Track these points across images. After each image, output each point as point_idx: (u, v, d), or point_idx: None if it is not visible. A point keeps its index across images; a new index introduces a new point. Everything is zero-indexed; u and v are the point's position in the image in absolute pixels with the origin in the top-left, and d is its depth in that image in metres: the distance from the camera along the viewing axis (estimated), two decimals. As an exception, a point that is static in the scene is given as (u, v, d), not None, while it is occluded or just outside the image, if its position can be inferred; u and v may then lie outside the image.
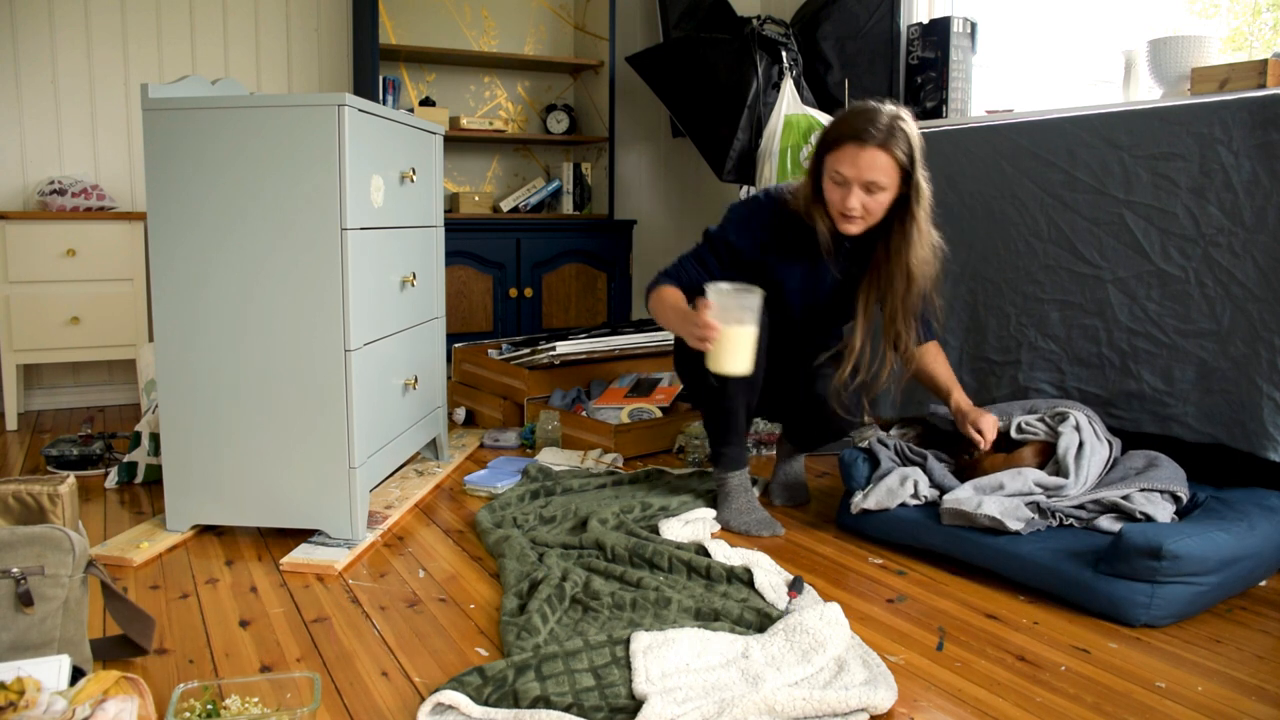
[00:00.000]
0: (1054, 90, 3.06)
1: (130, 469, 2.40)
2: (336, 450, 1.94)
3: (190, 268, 1.93)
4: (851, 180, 1.90)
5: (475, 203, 3.78)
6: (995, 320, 2.38)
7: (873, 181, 1.89)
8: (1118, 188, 2.11)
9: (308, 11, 3.65)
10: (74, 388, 3.46)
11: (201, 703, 1.23)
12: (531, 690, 1.29)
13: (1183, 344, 2.01)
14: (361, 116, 1.94)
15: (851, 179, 1.90)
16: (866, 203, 1.92)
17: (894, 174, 1.90)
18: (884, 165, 1.88)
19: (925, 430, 2.33)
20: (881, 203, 1.93)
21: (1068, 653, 1.51)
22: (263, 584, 1.78)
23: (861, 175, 1.89)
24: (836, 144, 1.91)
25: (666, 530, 1.98)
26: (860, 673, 1.37)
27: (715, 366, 1.85)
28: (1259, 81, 2.25)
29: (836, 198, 1.94)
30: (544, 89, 4.10)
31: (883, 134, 1.87)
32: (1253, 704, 1.35)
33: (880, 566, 1.89)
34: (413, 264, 2.32)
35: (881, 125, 1.88)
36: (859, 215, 1.93)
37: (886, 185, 1.91)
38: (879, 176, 1.89)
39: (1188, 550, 1.57)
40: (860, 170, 1.89)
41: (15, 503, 1.42)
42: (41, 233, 3.05)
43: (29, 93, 3.26)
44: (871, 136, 1.87)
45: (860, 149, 1.88)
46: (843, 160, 1.90)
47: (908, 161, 1.90)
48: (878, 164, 1.88)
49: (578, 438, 2.72)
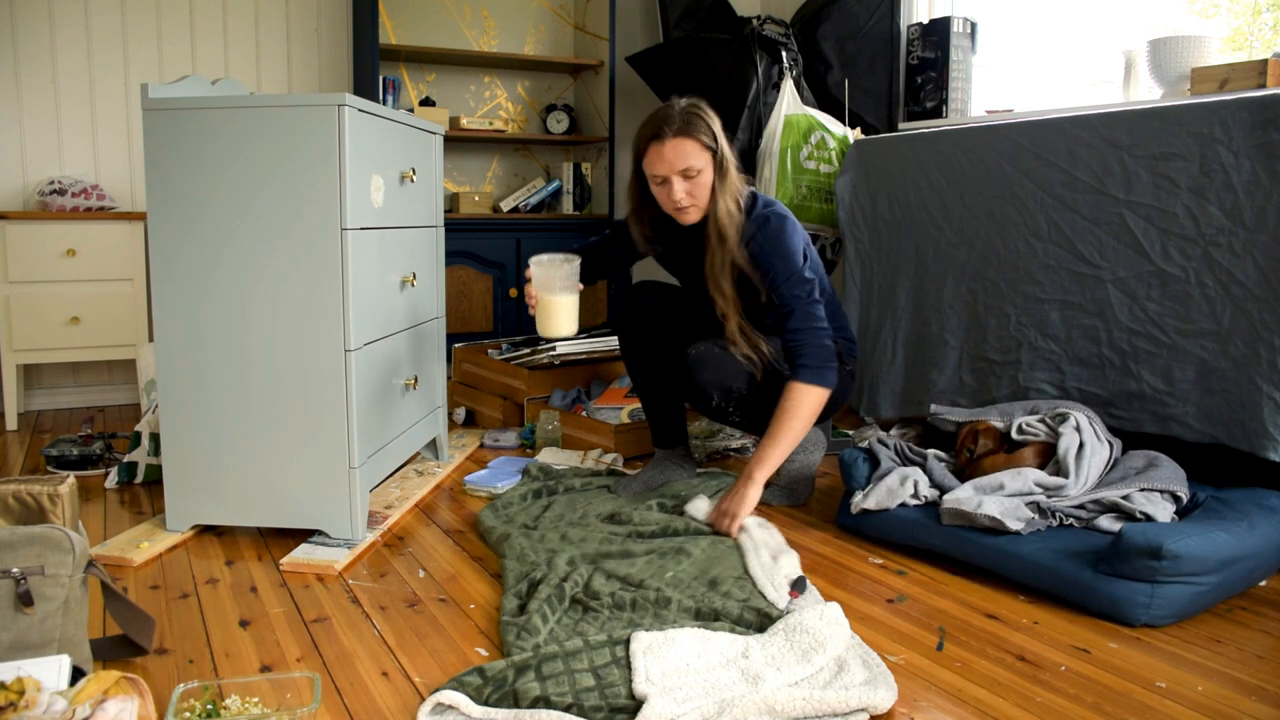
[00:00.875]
0: (1054, 90, 3.06)
1: (130, 469, 2.41)
2: (336, 450, 1.94)
3: (190, 268, 1.93)
4: (668, 175, 2.02)
5: (475, 203, 3.78)
6: (995, 320, 2.38)
7: (688, 168, 2.01)
8: (1118, 188, 2.11)
9: (308, 11, 3.65)
10: (74, 388, 3.46)
11: (201, 703, 1.23)
12: (531, 690, 1.29)
13: (1183, 344, 2.01)
14: (361, 116, 1.94)
15: (667, 173, 2.03)
16: (690, 189, 2.03)
17: (703, 154, 2.02)
18: (691, 149, 2.01)
19: (925, 430, 2.33)
20: (704, 185, 2.04)
21: (1068, 653, 1.51)
22: (263, 584, 1.78)
23: (674, 166, 2.02)
24: (644, 150, 2.06)
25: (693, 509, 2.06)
26: (860, 673, 1.37)
27: (540, 330, 2.07)
28: (1259, 81, 2.25)
29: (664, 197, 2.07)
30: (544, 89, 4.10)
31: (678, 123, 2.01)
32: (1253, 704, 1.35)
33: (880, 566, 1.89)
34: (413, 264, 2.32)
35: (675, 116, 2.02)
36: (688, 204, 2.05)
37: (701, 166, 2.02)
38: (690, 161, 2.01)
39: (1188, 550, 1.57)
40: (672, 161, 2.01)
41: (15, 503, 1.42)
42: (41, 233, 3.05)
43: (29, 93, 3.26)
44: (668, 130, 2.01)
45: (662, 144, 2.01)
46: (653, 161, 2.04)
47: (712, 139, 2.04)
48: (684, 150, 2.01)
49: (578, 438, 2.72)
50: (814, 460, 2.32)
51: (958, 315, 2.47)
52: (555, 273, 2.02)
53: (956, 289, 2.47)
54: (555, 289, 2.02)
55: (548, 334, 2.06)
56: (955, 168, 2.45)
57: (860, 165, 2.75)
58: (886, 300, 2.68)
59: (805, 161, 3.05)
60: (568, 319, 2.04)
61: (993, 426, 2.08)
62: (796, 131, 3.08)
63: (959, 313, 2.47)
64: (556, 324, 2.04)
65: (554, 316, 2.03)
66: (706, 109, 2.07)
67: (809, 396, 2.01)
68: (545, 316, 2.04)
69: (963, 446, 2.08)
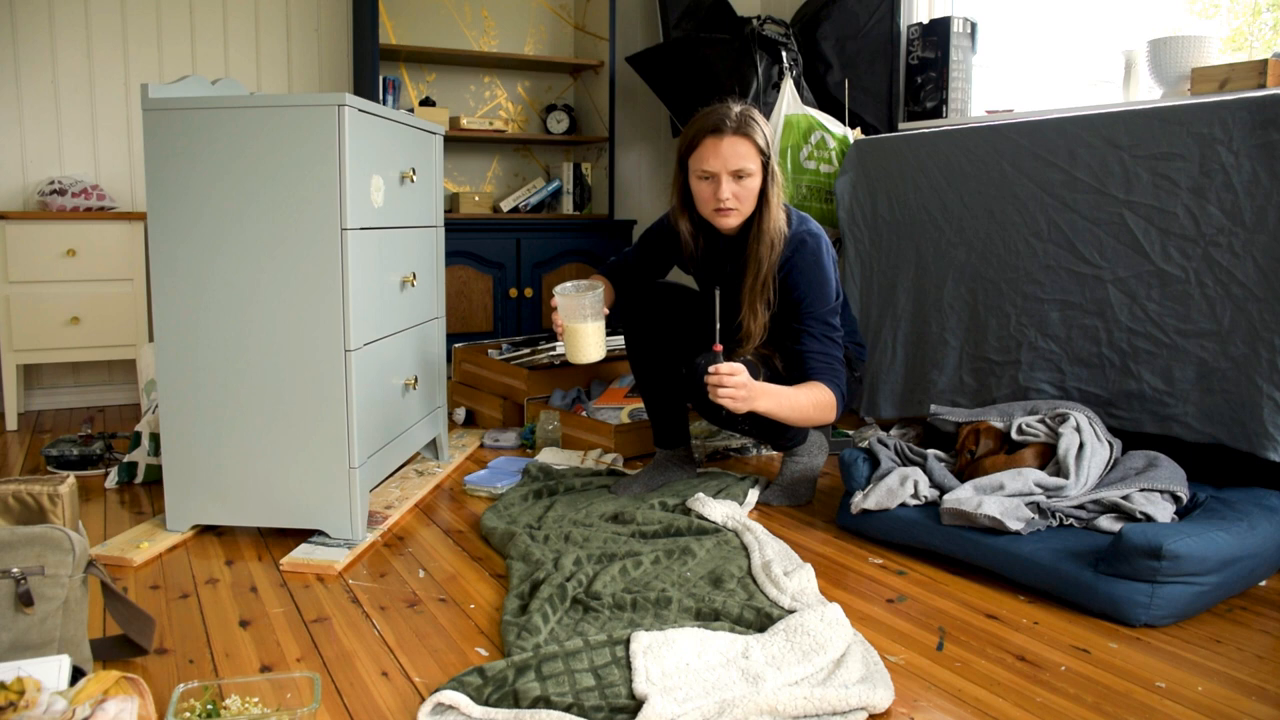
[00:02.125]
0: (1054, 90, 3.06)
1: (130, 469, 2.41)
2: (336, 450, 1.95)
3: (190, 268, 1.93)
4: (718, 171, 1.98)
5: (475, 203, 3.78)
6: (995, 320, 2.38)
7: (739, 169, 1.97)
8: (1118, 188, 2.11)
9: (308, 11, 3.65)
10: (74, 388, 3.46)
11: (201, 703, 1.23)
12: (532, 690, 1.29)
13: (1183, 344, 2.01)
14: (361, 116, 1.94)
15: (718, 170, 1.98)
16: (737, 191, 2.00)
17: (757, 159, 1.99)
18: (746, 151, 1.97)
19: (925, 430, 2.33)
20: (751, 189, 2.01)
21: (1068, 653, 1.51)
22: (263, 584, 1.78)
23: (727, 164, 1.97)
24: (695, 143, 2.02)
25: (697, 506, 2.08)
26: (858, 670, 1.37)
27: (570, 357, 2.08)
28: (1259, 81, 2.25)
29: (707, 193, 2.02)
30: (544, 89, 4.10)
31: (736, 122, 1.97)
32: (1253, 704, 1.35)
33: (880, 566, 1.89)
34: (413, 264, 2.32)
35: (734, 116, 1.98)
36: (733, 206, 2.01)
37: (753, 170, 1.99)
38: (745, 163, 1.97)
39: (1188, 550, 1.57)
40: (726, 159, 1.97)
41: (15, 503, 1.42)
42: (41, 233, 3.05)
43: (29, 93, 3.26)
44: (727, 126, 1.96)
45: (719, 139, 1.97)
46: (705, 156, 2.00)
47: (766, 146, 2.00)
48: (739, 150, 1.97)
49: (578, 438, 2.72)
50: (817, 463, 2.32)
51: (958, 315, 2.47)
52: (581, 301, 2.03)
53: (956, 289, 2.47)
54: (581, 317, 2.04)
55: (576, 360, 2.08)
56: (955, 168, 2.45)
57: (860, 165, 2.75)
58: (886, 300, 2.68)
59: (805, 161, 3.05)
60: (595, 345, 2.06)
61: (993, 427, 2.08)
62: (796, 131, 3.08)
63: (959, 313, 2.47)
64: (585, 351, 2.06)
65: (581, 344, 2.05)
66: (760, 117, 2.04)
67: (828, 395, 2.02)
68: (573, 344, 2.06)
69: (963, 448, 2.08)
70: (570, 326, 2.05)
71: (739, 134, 1.97)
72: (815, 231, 2.09)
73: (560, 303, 2.06)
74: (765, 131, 2.02)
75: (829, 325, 2.05)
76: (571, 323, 2.05)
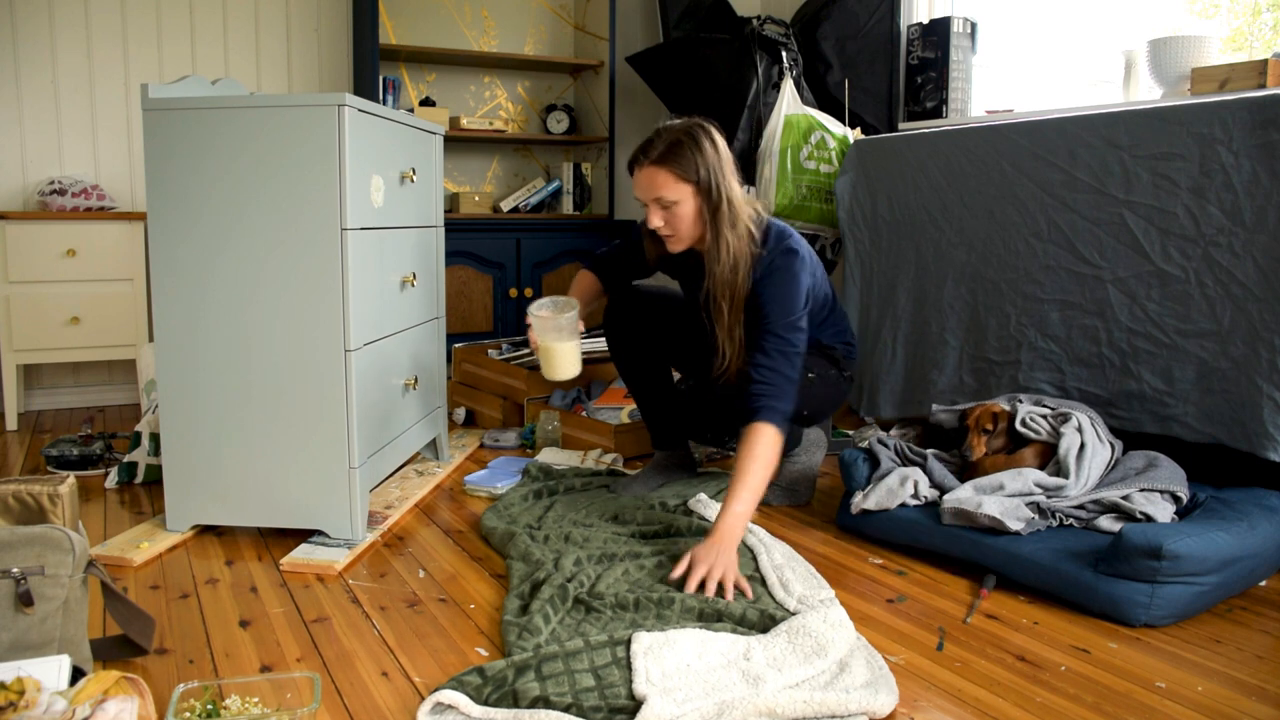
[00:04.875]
0: (1054, 90, 3.06)
1: (130, 469, 2.41)
2: (336, 450, 1.94)
3: (190, 268, 1.93)
4: (645, 200, 1.95)
5: (475, 203, 3.78)
6: (995, 320, 2.38)
7: (659, 198, 1.92)
8: (1118, 188, 2.11)
9: (308, 12, 3.65)
10: (74, 388, 3.46)
11: (201, 703, 1.23)
12: (531, 690, 1.29)
13: (1183, 344, 2.01)
14: (361, 116, 1.94)
15: (645, 199, 1.95)
16: (667, 219, 1.94)
17: (679, 188, 1.90)
18: (664, 180, 1.90)
19: (925, 430, 2.33)
20: (682, 217, 1.93)
21: (1068, 653, 1.51)
22: (263, 584, 1.78)
23: (647, 194, 1.93)
24: (630, 172, 1.98)
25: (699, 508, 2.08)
26: (862, 674, 1.37)
27: (545, 374, 2.07)
28: (1259, 81, 2.25)
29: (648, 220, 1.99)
30: (544, 89, 4.10)
31: (657, 151, 1.90)
32: (1253, 704, 1.35)
33: (880, 566, 1.89)
34: (413, 264, 2.32)
35: (659, 143, 1.91)
36: (668, 233, 1.96)
37: (677, 198, 1.91)
38: (663, 193, 1.91)
39: (1188, 550, 1.57)
40: (644, 190, 1.94)
41: (15, 503, 1.42)
42: (41, 233, 3.05)
43: (29, 93, 3.26)
44: (644, 156, 1.92)
45: (639, 170, 1.93)
46: (635, 184, 1.97)
47: (694, 174, 1.89)
48: (656, 181, 1.91)
49: (578, 438, 2.72)
50: (815, 461, 2.32)
51: (958, 315, 2.47)
52: (557, 321, 2.02)
53: (956, 289, 2.47)
54: (557, 336, 2.02)
55: (552, 378, 2.06)
56: (955, 168, 2.45)
57: (860, 165, 2.75)
58: (886, 300, 2.68)
59: (805, 161, 3.05)
60: (570, 363, 2.05)
61: (1005, 410, 2.07)
62: (796, 131, 3.08)
63: (959, 313, 2.47)
64: (560, 369, 2.04)
65: (557, 362, 2.04)
66: (702, 135, 1.91)
67: (773, 439, 1.83)
68: (548, 362, 2.04)
69: (978, 426, 2.06)
70: (545, 345, 2.03)
71: (657, 164, 1.90)
72: (793, 248, 1.95)
73: (535, 321, 2.03)
74: (697, 154, 1.89)
75: (785, 340, 1.89)
76: (546, 341, 2.03)
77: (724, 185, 1.91)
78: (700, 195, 1.91)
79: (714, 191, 1.91)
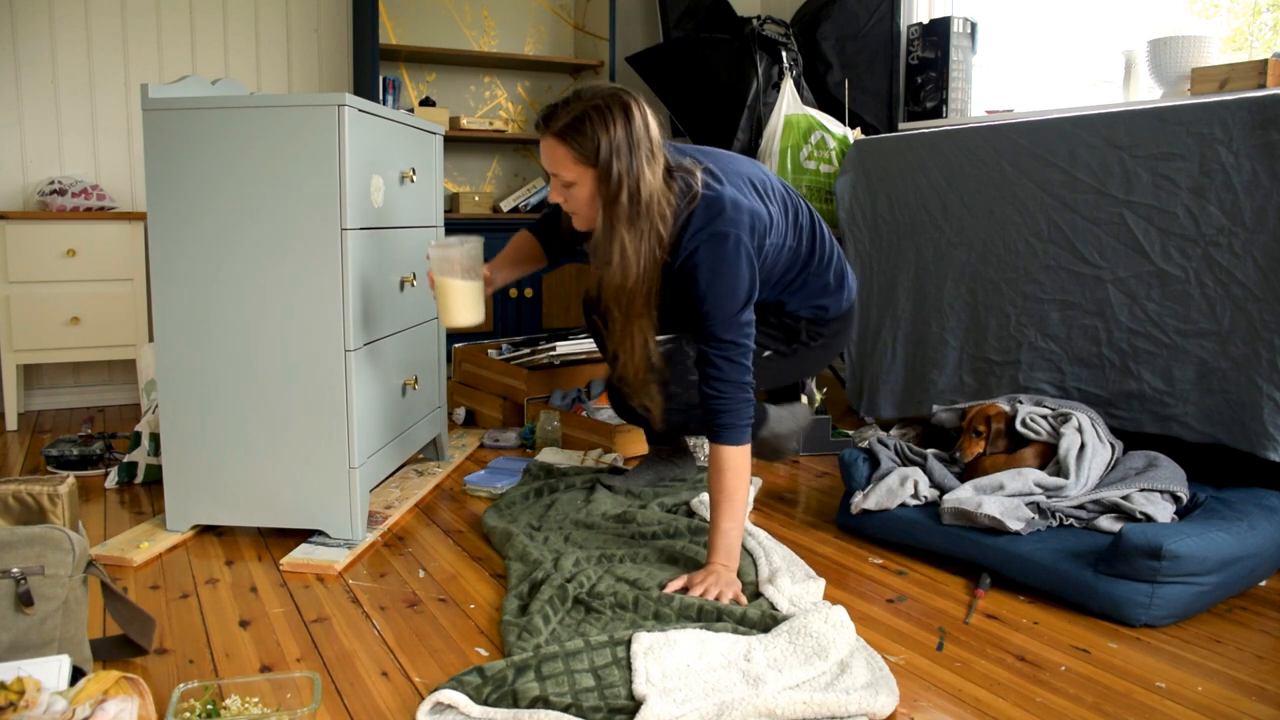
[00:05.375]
0: (1054, 90, 3.06)
1: (130, 469, 2.40)
2: (336, 450, 1.94)
3: (190, 268, 1.93)
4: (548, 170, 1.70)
5: (475, 203, 3.78)
6: (995, 320, 2.38)
7: (556, 174, 1.67)
8: (1118, 188, 2.11)
9: (308, 11, 3.65)
10: (74, 388, 3.46)
11: (201, 703, 1.23)
12: (531, 690, 1.29)
13: (1183, 344, 2.01)
14: (361, 116, 1.94)
15: (547, 169, 1.70)
16: (566, 197, 1.70)
17: (576, 168, 1.65)
18: (560, 157, 1.65)
19: (925, 430, 2.33)
20: (579, 198, 1.68)
21: (1068, 653, 1.51)
22: (263, 584, 1.78)
23: (547, 166, 1.69)
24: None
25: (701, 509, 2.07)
26: (862, 675, 1.37)
27: (441, 319, 1.87)
28: (1259, 81, 2.25)
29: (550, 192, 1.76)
30: (544, 89, 4.10)
31: (560, 123, 1.63)
32: (1253, 704, 1.35)
33: (880, 566, 1.89)
34: (413, 264, 2.32)
35: (564, 113, 1.64)
36: (570, 210, 1.73)
37: (573, 179, 1.66)
38: (559, 170, 1.66)
39: (1188, 550, 1.57)
40: (545, 160, 1.69)
41: (15, 503, 1.42)
42: (41, 233, 3.05)
43: (29, 93, 3.26)
44: (545, 125, 1.66)
45: (541, 137, 1.68)
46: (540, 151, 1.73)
47: (593, 156, 1.62)
48: (554, 155, 1.66)
49: (578, 438, 2.72)
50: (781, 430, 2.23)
51: (958, 315, 2.47)
52: (450, 254, 1.82)
53: (956, 289, 2.47)
54: (452, 272, 1.83)
55: (447, 323, 1.88)
56: (955, 168, 2.45)
57: (860, 165, 2.75)
58: (886, 300, 2.68)
59: (805, 161, 3.06)
60: (465, 306, 1.84)
61: (1002, 410, 2.07)
62: (796, 131, 3.08)
63: (959, 313, 2.47)
64: (452, 312, 1.85)
65: (449, 303, 1.85)
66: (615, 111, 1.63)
67: (740, 460, 1.69)
68: (441, 303, 1.86)
69: (969, 427, 2.06)
70: (439, 281, 1.84)
71: (557, 137, 1.64)
72: (721, 231, 1.66)
73: (432, 254, 1.84)
74: (602, 136, 1.61)
75: (728, 344, 1.68)
76: (440, 276, 1.84)
77: (629, 173, 1.62)
78: (599, 180, 1.65)
79: (614, 179, 1.62)
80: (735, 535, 1.71)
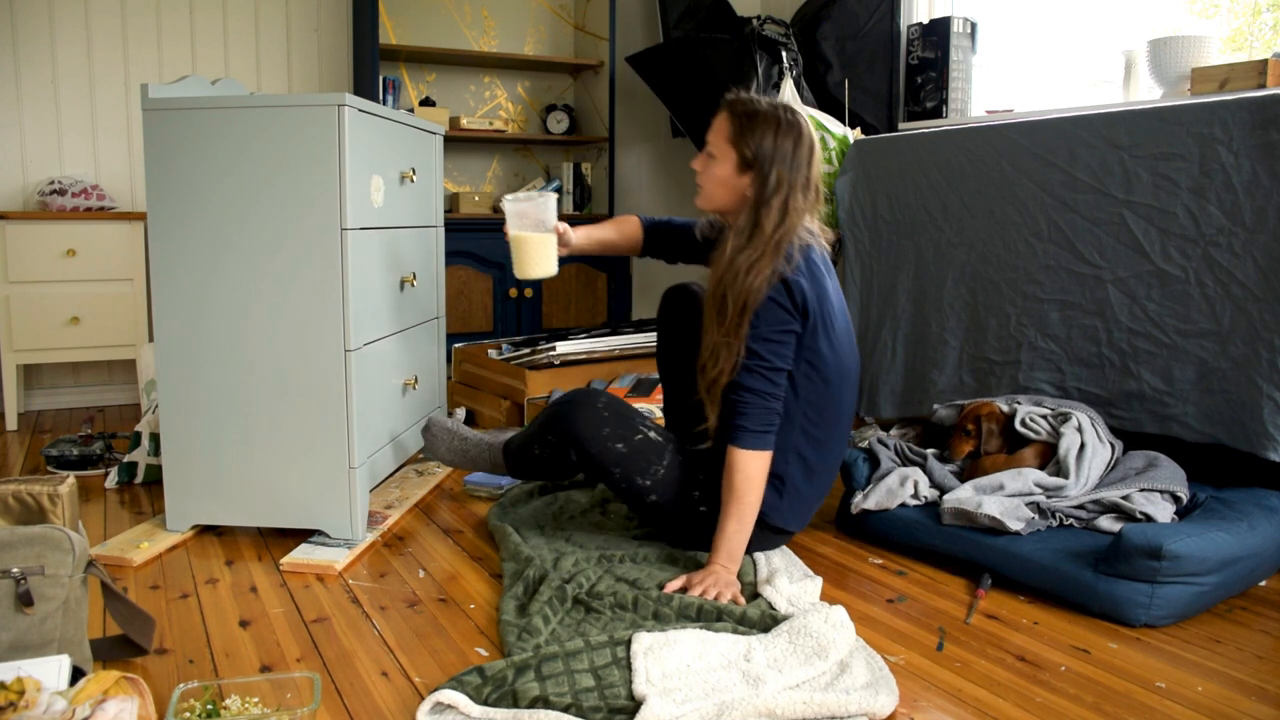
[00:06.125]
0: (1054, 90, 3.06)
1: (130, 469, 2.41)
2: (336, 450, 1.94)
3: (190, 268, 1.93)
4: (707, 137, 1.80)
5: (475, 203, 3.78)
6: (995, 320, 2.38)
7: (708, 142, 1.77)
8: (1118, 188, 2.11)
9: (308, 11, 3.65)
10: (74, 388, 3.46)
11: (201, 703, 1.23)
12: (531, 690, 1.29)
13: (1183, 344, 2.01)
14: (361, 116, 1.94)
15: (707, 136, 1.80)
16: (704, 165, 1.79)
17: (725, 145, 1.75)
18: (720, 126, 1.76)
19: (925, 430, 2.33)
20: (714, 177, 1.77)
21: (1068, 653, 1.51)
22: (263, 584, 1.78)
23: (709, 135, 1.78)
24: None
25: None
26: (862, 675, 1.37)
27: (516, 271, 1.94)
28: (1259, 81, 2.25)
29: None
30: (544, 89, 4.10)
31: (741, 108, 1.74)
32: (1253, 704, 1.35)
33: (880, 566, 1.89)
34: (413, 264, 2.32)
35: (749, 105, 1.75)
36: (699, 182, 1.81)
37: (716, 155, 1.76)
38: (713, 136, 1.76)
39: (1188, 550, 1.57)
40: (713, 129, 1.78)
41: (15, 503, 1.42)
42: (41, 233, 3.05)
43: (29, 93, 3.26)
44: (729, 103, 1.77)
45: (719, 110, 1.79)
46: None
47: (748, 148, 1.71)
48: (718, 123, 1.76)
49: (578, 438, 2.72)
50: None
51: (958, 315, 2.47)
52: (523, 208, 1.91)
53: (956, 289, 2.47)
54: (524, 225, 1.91)
55: (521, 274, 1.94)
56: (955, 168, 2.45)
57: (860, 165, 2.75)
58: (886, 300, 2.68)
59: (805, 161, 3.05)
60: (541, 258, 1.91)
61: (997, 410, 2.07)
62: (796, 131, 3.07)
63: (959, 313, 2.47)
64: (528, 264, 1.91)
65: (525, 256, 1.91)
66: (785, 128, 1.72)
67: (751, 464, 1.70)
68: (517, 255, 1.92)
69: (961, 427, 2.06)
70: (515, 235, 1.91)
71: (731, 116, 1.75)
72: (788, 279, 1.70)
73: (508, 209, 1.91)
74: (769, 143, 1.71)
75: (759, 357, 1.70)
76: (516, 230, 1.91)
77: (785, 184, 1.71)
78: (740, 169, 1.74)
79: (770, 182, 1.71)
80: (739, 538, 1.71)
